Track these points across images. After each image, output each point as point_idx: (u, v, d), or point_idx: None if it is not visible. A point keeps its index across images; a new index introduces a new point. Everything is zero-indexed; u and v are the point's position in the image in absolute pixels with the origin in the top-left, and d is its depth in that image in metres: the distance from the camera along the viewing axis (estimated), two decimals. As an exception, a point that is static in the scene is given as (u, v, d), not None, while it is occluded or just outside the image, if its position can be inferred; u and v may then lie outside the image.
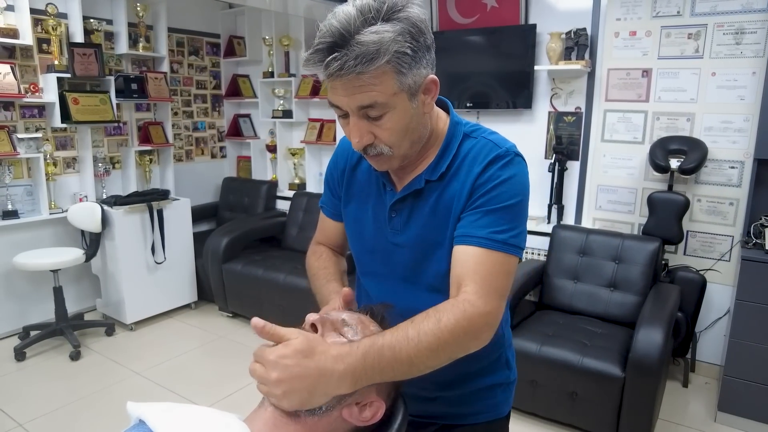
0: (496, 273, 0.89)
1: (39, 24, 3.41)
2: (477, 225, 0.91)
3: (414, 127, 0.92)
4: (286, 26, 4.31)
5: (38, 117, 3.51)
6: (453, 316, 0.84)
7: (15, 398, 2.75)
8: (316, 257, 1.20)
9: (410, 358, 0.81)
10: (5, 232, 3.34)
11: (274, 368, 0.73)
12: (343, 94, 0.84)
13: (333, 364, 0.76)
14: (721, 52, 2.74)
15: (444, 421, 1.13)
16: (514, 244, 0.91)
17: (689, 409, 2.72)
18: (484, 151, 0.96)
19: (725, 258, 2.87)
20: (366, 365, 0.78)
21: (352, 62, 0.79)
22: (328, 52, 0.80)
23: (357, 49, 0.79)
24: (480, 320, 0.86)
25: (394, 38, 0.80)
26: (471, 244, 0.91)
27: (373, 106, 0.85)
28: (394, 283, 1.06)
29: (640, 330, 2.27)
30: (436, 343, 0.82)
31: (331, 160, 1.18)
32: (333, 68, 0.80)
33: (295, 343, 0.75)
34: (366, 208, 1.08)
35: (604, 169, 3.16)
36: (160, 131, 4.13)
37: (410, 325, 0.83)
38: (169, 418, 0.76)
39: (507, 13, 3.29)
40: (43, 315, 3.49)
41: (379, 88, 0.83)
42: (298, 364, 0.74)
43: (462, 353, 0.87)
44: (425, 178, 0.98)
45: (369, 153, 0.92)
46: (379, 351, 0.79)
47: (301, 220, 4.05)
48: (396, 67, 0.82)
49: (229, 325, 3.77)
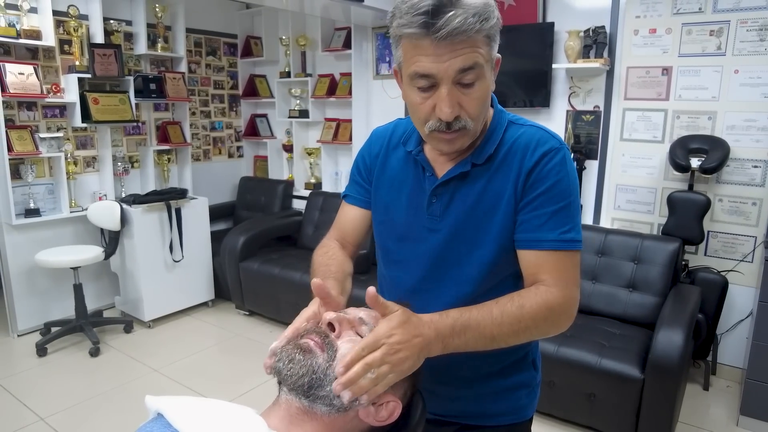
0: (570, 268, 0.95)
1: (61, 25, 3.47)
2: (545, 228, 0.94)
3: (487, 104, 0.93)
4: (303, 26, 4.32)
5: (59, 117, 3.57)
6: (535, 304, 0.90)
7: (36, 393, 2.80)
8: (321, 252, 1.13)
9: (492, 335, 0.88)
10: (27, 230, 3.40)
11: (389, 337, 0.79)
12: (446, 57, 0.83)
13: (427, 329, 0.83)
14: (745, 49, 2.68)
15: (465, 421, 1.11)
16: (579, 240, 0.96)
17: (710, 413, 2.68)
18: (535, 140, 0.96)
19: (748, 259, 2.82)
20: (453, 333, 0.85)
21: (472, 18, 0.80)
22: (436, 13, 0.80)
23: (471, 9, 0.80)
24: (560, 309, 0.92)
25: (493, 4, 0.84)
26: (543, 249, 0.94)
27: (473, 67, 0.85)
28: (421, 273, 1.04)
29: (659, 331, 2.24)
30: (518, 325, 0.89)
31: (364, 147, 1.17)
32: (453, 25, 0.80)
33: (395, 318, 0.81)
34: (400, 194, 1.07)
35: (623, 168, 3.12)
36: (178, 131, 4.18)
37: (495, 306, 0.89)
38: (187, 411, 0.76)
39: (525, 11, 3.26)
40: (63, 312, 3.55)
41: (482, 51, 0.85)
42: (406, 332, 0.80)
43: (541, 337, 0.95)
44: (471, 161, 0.98)
45: (453, 127, 0.90)
46: (465, 323, 0.86)
47: (317, 220, 4.07)
48: (492, 34, 0.86)
49: (245, 323, 3.80)
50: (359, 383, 0.76)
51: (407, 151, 1.06)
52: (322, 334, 0.83)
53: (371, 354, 0.77)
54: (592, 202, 3.25)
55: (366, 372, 0.76)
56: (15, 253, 3.36)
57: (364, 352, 0.77)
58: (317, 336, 0.83)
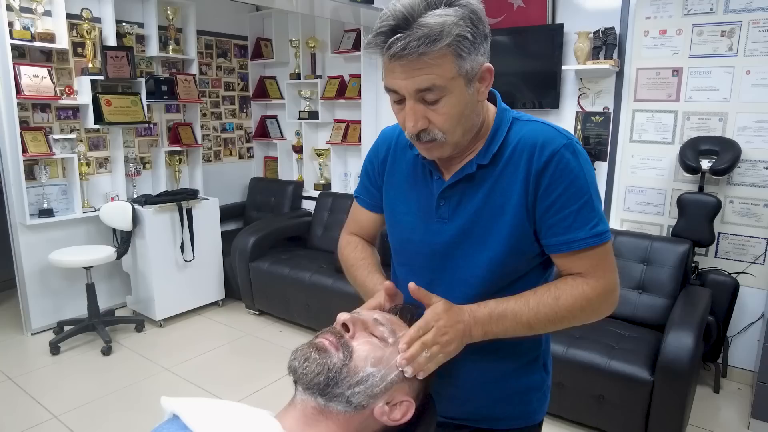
0: (605, 258, 0.97)
1: (74, 28, 3.51)
2: (574, 228, 0.94)
3: (468, 115, 0.93)
4: (313, 28, 4.34)
5: (73, 118, 3.62)
6: (571, 296, 0.94)
7: (50, 391, 2.84)
8: (351, 248, 1.20)
9: (530, 323, 0.94)
10: (41, 230, 3.45)
11: (437, 321, 0.87)
12: (403, 76, 0.86)
13: (467, 316, 0.91)
14: (757, 50, 2.67)
15: (476, 424, 1.11)
16: (607, 229, 0.96)
17: (721, 416, 2.66)
18: (542, 139, 0.95)
19: (759, 261, 2.80)
20: (491, 320, 0.92)
21: (415, 42, 0.81)
22: (391, 34, 0.82)
23: (420, 31, 0.81)
24: (598, 298, 0.95)
25: (456, 22, 0.83)
26: (577, 249, 0.95)
27: (431, 89, 0.86)
28: (431, 274, 1.05)
29: (669, 333, 2.23)
30: (554, 316, 0.94)
31: (371, 150, 1.18)
32: (396, 48, 0.82)
33: (439, 305, 0.89)
34: (409, 198, 1.08)
35: (633, 169, 3.11)
36: (189, 132, 4.21)
37: (532, 296, 0.95)
38: (203, 413, 0.77)
39: (534, 12, 3.26)
40: (76, 311, 3.59)
41: (439, 71, 0.84)
42: (449, 317, 0.89)
43: (582, 323, 0.98)
44: (477, 162, 0.98)
45: (422, 139, 0.92)
46: (502, 312, 0.93)
47: (327, 220, 4.08)
48: (456, 51, 0.84)
49: (255, 322, 3.82)
50: (418, 360, 0.85)
51: (415, 154, 1.06)
52: (337, 334, 0.85)
53: (425, 335, 0.86)
54: (602, 203, 3.23)
55: (423, 350, 0.85)
56: (29, 252, 3.41)
57: (419, 333, 0.86)
58: (332, 336, 0.84)
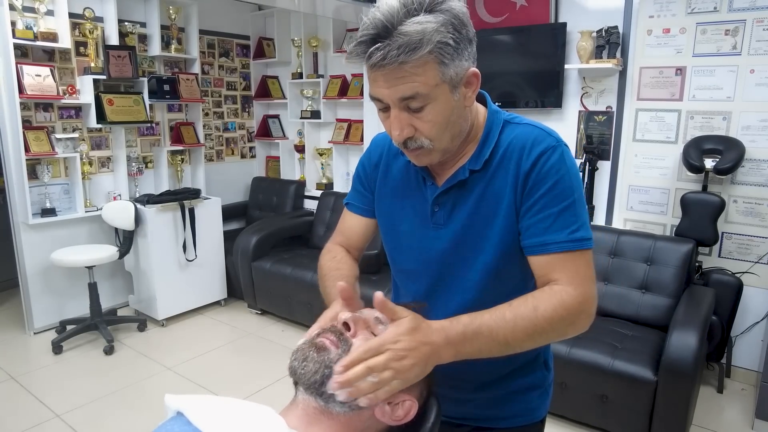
0: (583, 266, 0.91)
1: (77, 28, 3.51)
2: (552, 230, 0.91)
3: (455, 120, 0.91)
4: (315, 28, 4.34)
5: (75, 118, 3.62)
6: (550, 305, 0.86)
7: (52, 390, 2.84)
8: (330, 257, 1.14)
9: (506, 339, 0.85)
10: (44, 229, 3.45)
11: (394, 342, 0.77)
12: (385, 85, 0.84)
13: (437, 336, 0.81)
14: (761, 49, 2.66)
15: (478, 423, 1.11)
16: (589, 237, 0.92)
17: (724, 416, 2.65)
18: (531, 140, 0.93)
19: (763, 261, 2.79)
20: (465, 339, 0.83)
21: (395, 52, 0.79)
22: (371, 44, 0.80)
23: (400, 39, 0.79)
24: (578, 308, 0.88)
25: (437, 29, 0.80)
26: (553, 252, 0.91)
27: (414, 97, 0.84)
28: (427, 281, 1.04)
29: (673, 333, 2.22)
30: (533, 329, 0.85)
31: (364, 156, 1.16)
32: (376, 58, 0.80)
33: (403, 324, 0.79)
34: (404, 205, 1.06)
35: (636, 169, 3.10)
36: (191, 131, 4.21)
37: (508, 309, 0.86)
38: (208, 410, 0.77)
39: (536, 11, 3.25)
40: (78, 310, 3.59)
41: (421, 79, 0.82)
42: (413, 339, 0.78)
43: (559, 338, 0.91)
44: (469, 168, 0.97)
45: (409, 147, 0.91)
46: (476, 329, 0.83)
47: (329, 220, 4.08)
48: (438, 58, 0.82)
49: (257, 322, 3.82)
50: (358, 386, 0.75)
51: (407, 161, 1.04)
52: (337, 332, 0.84)
53: (374, 358, 0.76)
54: (605, 202, 3.23)
55: (367, 375, 0.75)
56: (31, 252, 3.41)
57: (367, 355, 0.76)
58: (333, 335, 0.84)
